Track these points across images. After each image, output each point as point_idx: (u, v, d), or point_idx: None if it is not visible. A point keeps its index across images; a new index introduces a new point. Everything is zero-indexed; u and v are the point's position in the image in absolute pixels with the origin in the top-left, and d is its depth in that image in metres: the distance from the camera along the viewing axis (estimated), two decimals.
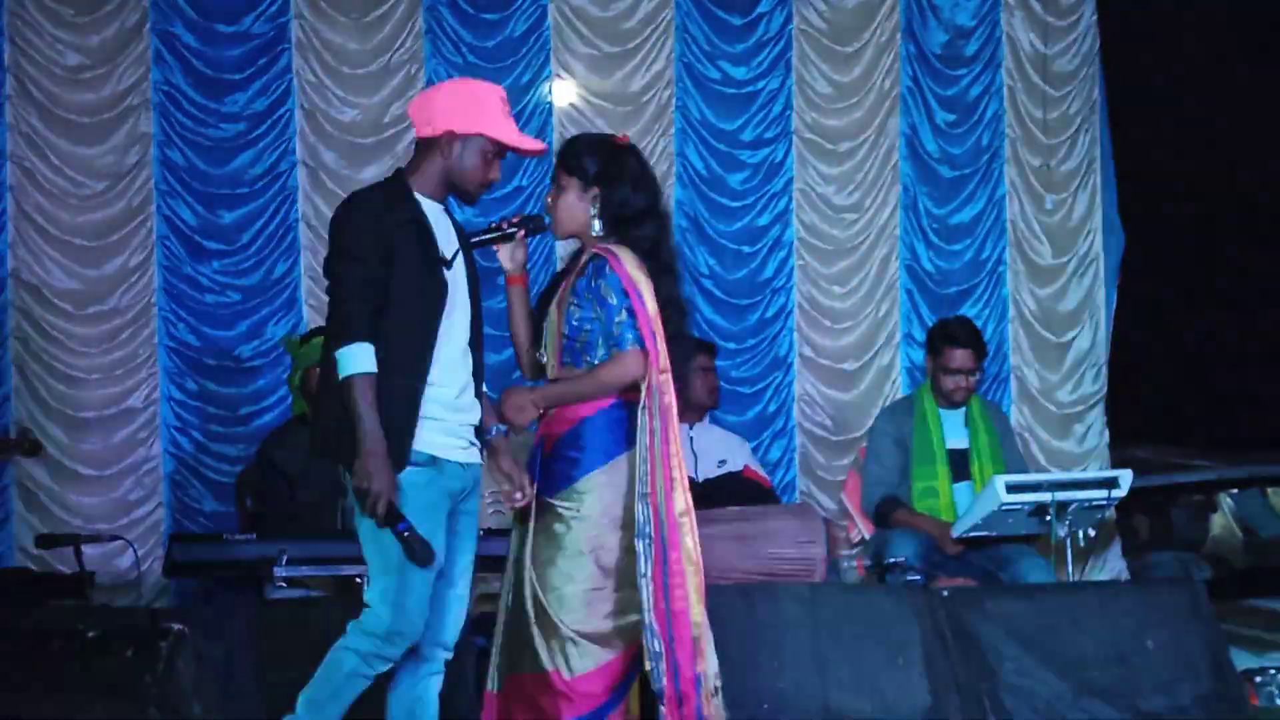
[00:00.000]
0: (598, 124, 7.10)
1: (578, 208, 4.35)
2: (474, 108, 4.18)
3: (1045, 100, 7.55)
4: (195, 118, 6.79)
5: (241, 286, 6.81)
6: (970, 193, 7.52)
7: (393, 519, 3.94)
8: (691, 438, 6.30)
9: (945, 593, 5.20)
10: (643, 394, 4.22)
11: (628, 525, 4.19)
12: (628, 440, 4.23)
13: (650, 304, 4.24)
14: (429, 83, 6.94)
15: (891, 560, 5.74)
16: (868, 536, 6.35)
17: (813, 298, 7.32)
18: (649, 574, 4.16)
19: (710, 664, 4.21)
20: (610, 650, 4.19)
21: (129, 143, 6.75)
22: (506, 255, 4.43)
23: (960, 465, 6.15)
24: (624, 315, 4.21)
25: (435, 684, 4.18)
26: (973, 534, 5.83)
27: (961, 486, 6.11)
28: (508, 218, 4.47)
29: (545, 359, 4.37)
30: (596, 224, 4.32)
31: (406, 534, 3.93)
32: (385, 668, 4.03)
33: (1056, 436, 7.52)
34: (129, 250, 6.75)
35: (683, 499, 4.23)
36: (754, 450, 6.80)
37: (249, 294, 6.81)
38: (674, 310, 4.33)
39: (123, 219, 6.75)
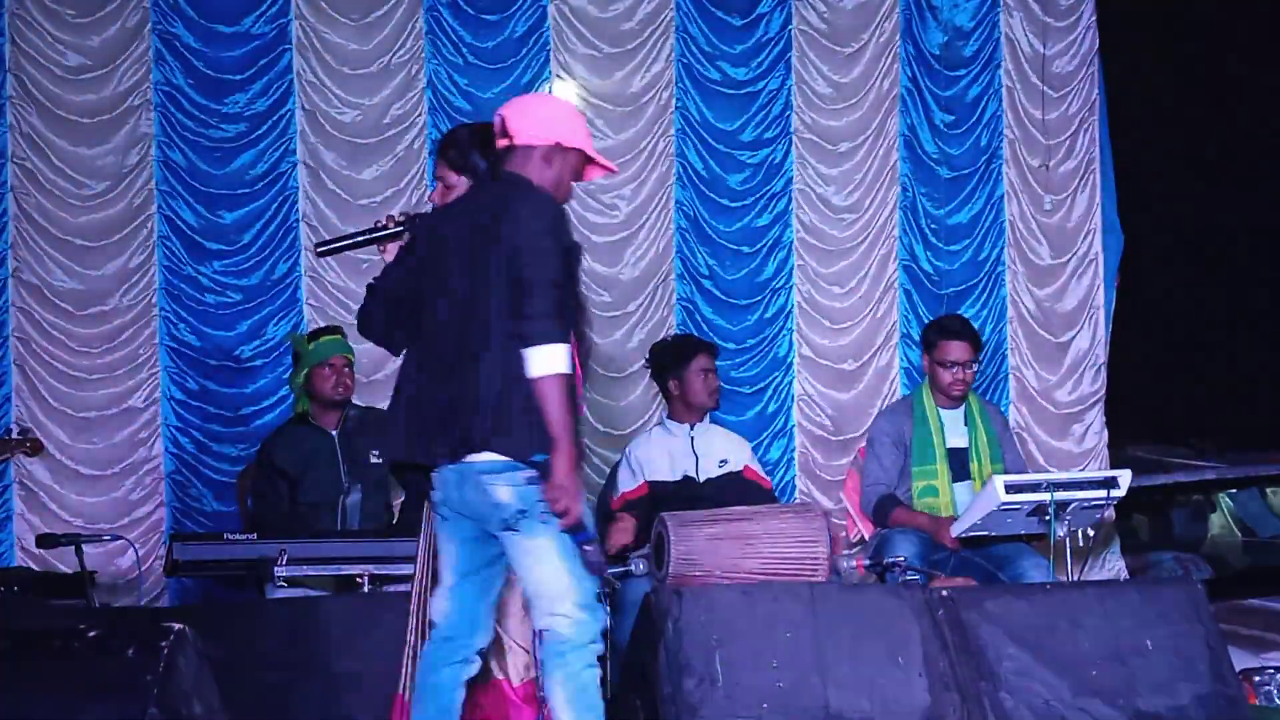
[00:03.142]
0: (598, 124, 7.11)
1: None
2: (576, 124, 4.22)
3: (1044, 101, 7.56)
4: (196, 118, 6.79)
5: (242, 287, 6.82)
6: (969, 193, 7.53)
7: (579, 527, 3.92)
8: (692, 438, 6.30)
9: (945, 593, 5.20)
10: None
11: None
12: None
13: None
14: (429, 83, 6.96)
15: (891, 560, 5.74)
16: (867, 536, 6.36)
17: (812, 298, 7.33)
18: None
19: None
20: None
21: (130, 143, 6.76)
22: (393, 254, 4.36)
23: (960, 464, 6.15)
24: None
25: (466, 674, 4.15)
26: (972, 533, 5.84)
27: (961, 486, 6.12)
28: (392, 216, 4.44)
29: None
30: None
31: (589, 545, 3.93)
32: None
33: (1055, 436, 7.53)
34: (130, 250, 6.76)
35: None
36: (754, 450, 6.80)
37: (250, 294, 6.82)
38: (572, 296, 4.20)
39: (124, 219, 6.76)
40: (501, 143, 4.16)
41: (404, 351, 4.22)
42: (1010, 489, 5.59)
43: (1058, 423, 7.55)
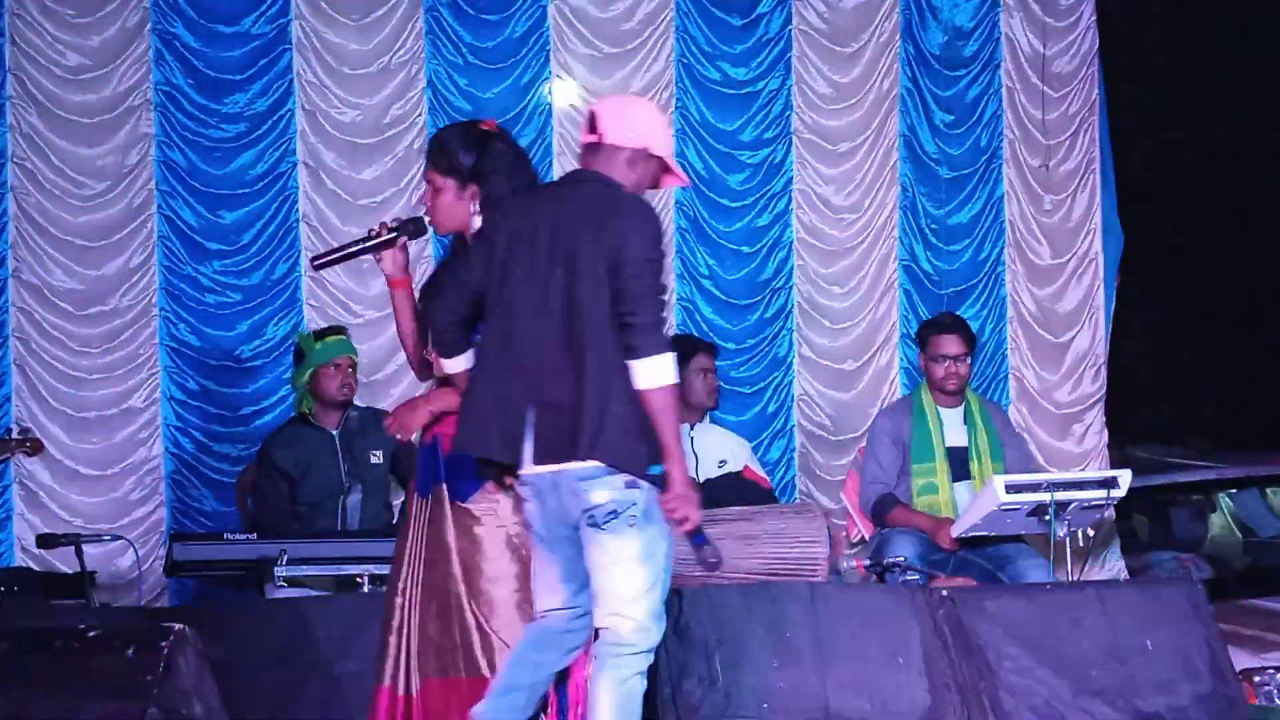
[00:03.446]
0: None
1: (458, 207, 4.26)
2: (665, 132, 4.23)
3: (1044, 101, 7.56)
4: (196, 118, 6.79)
5: (242, 287, 6.82)
6: (969, 193, 7.53)
7: (697, 530, 3.95)
8: (692, 438, 6.31)
9: (945, 593, 5.20)
10: None
11: None
12: None
13: None
14: (429, 83, 6.96)
15: (891, 560, 5.74)
16: (867, 536, 6.37)
17: (812, 298, 7.33)
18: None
19: None
20: None
21: (130, 143, 6.75)
22: (389, 261, 4.36)
23: (959, 464, 6.16)
24: None
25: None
26: (972, 533, 5.84)
27: (961, 485, 6.13)
28: (385, 223, 4.42)
29: (431, 355, 4.28)
30: (478, 220, 4.23)
31: (706, 546, 3.96)
32: None
33: (1055, 436, 7.53)
34: (130, 250, 6.76)
35: None
36: (754, 450, 6.80)
37: (250, 294, 6.81)
38: None
39: (124, 219, 6.76)
40: (589, 138, 4.14)
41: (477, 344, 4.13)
42: (1010, 489, 5.59)
43: (1058, 423, 7.55)
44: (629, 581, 3.90)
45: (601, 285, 3.89)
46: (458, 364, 4.16)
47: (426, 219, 4.38)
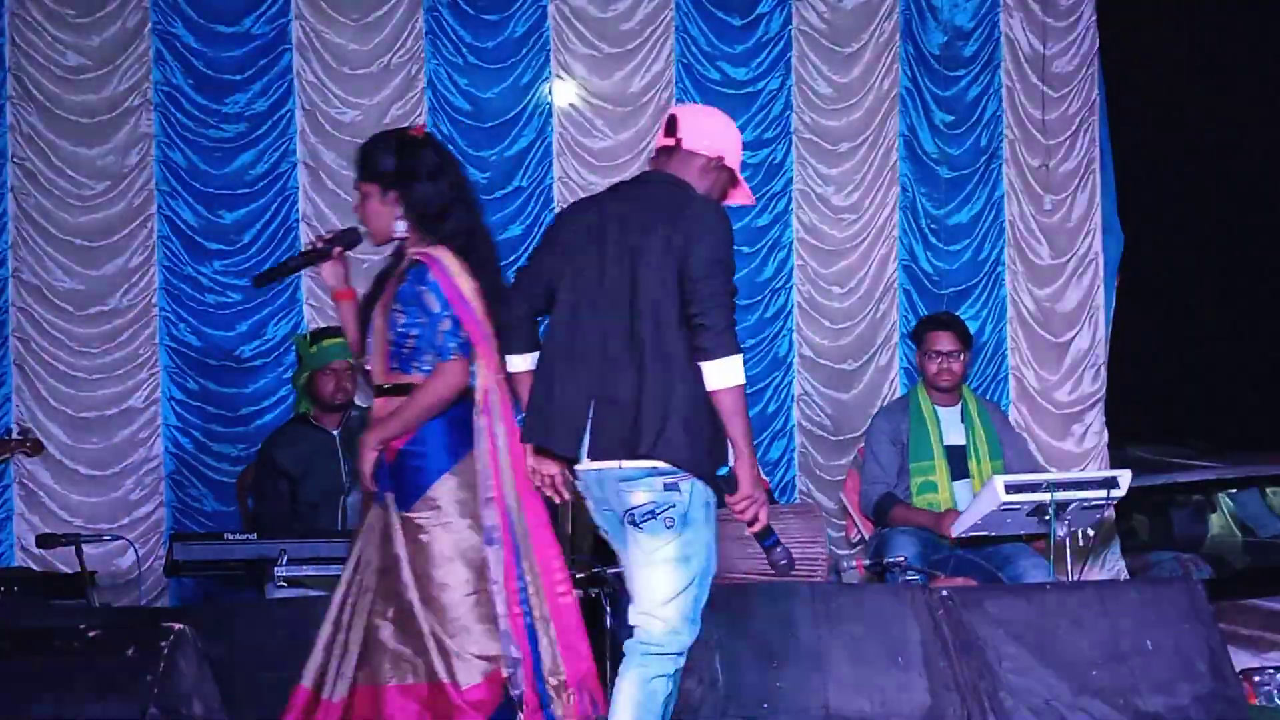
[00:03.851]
0: (597, 124, 7.12)
1: (383, 213, 4.30)
2: (739, 147, 4.26)
3: (1044, 101, 7.56)
4: (196, 118, 6.79)
5: (242, 287, 6.81)
6: (969, 193, 7.53)
7: (767, 532, 4.00)
8: None
9: (945, 593, 5.20)
10: (477, 399, 4.21)
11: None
12: (474, 438, 4.22)
13: (477, 305, 4.20)
14: (429, 83, 6.96)
15: (891, 560, 5.74)
16: (867, 536, 6.37)
17: (811, 298, 7.33)
18: (500, 580, 4.15)
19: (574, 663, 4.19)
20: (495, 662, 4.16)
21: (130, 143, 6.76)
22: (328, 273, 4.43)
23: (958, 462, 6.16)
24: (447, 324, 4.18)
25: None
26: (972, 533, 5.84)
27: (960, 484, 6.13)
28: (322, 235, 4.48)
29: (370, 365, 4.32)
30: (401, 225, 4.28)
31: (777, 548, 4.00)
32: None
33: (1055, 436, 7.53)
34: (130, 250, 6.76)
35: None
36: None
37: (250, 294, 6.81)
38: (496, 303, 4.25)
39: (123, 219, 6.76)
40: (667, 142, 4.17)
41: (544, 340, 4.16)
42: (1010, 489, 5.59)
43: (1058, 423, 7.55)
44: (663, 582, 3.94)
45: (670, 284, 3.92)
46: (523, 362, 4.17)
47: (361, 229, 4.42)
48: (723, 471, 3.96)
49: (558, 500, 4.21)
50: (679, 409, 3.89)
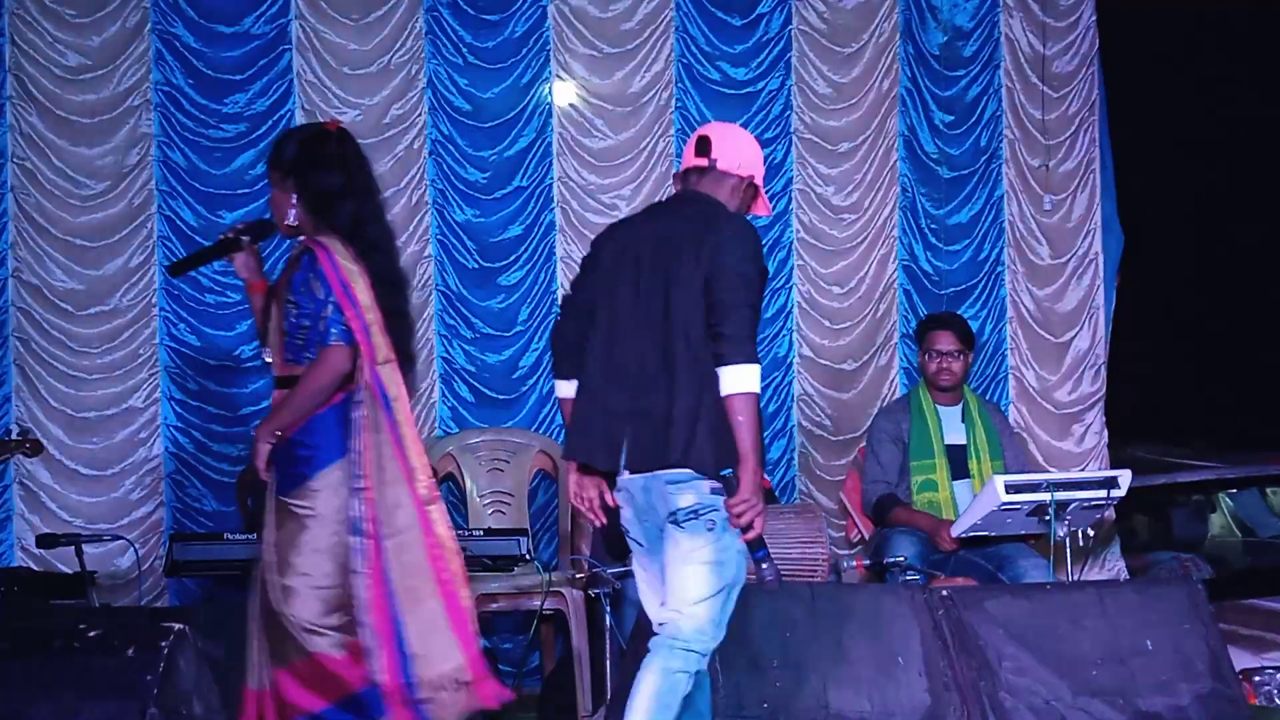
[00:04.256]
0: (597, 124, 7.11)
1: (282, 201, 4.36)
2: (762, 165, 4.47)
3: (1044, 101, 7.56)
4: (196, 118, 6.79)
5: (242, 287, 6.77)
6: (969, 193, 7.53)
7: (759, 542, 4.10)
8: None
9: (945, 593, 5.20)
10: (356, 391, 4.21)
11: None
12: (351, 430, 4.23)
13: (362, 294, 4.22)
14: (429, 83, 6.96)
15: (891, 560, 5.74)
16: (867, 536, 6.37)
17: (811, 298, 7.33)
18: (363, 570, 4.15)
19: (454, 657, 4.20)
20: (353, 637, 4.16)
21: (130, 143, 6.76)
22: (241, 264, 4.49)
23: (958, 462, 6.16)
24: (329, 310, 4.21)
25: None
26: (972, 533, 5.84)
27: (960, 484, 6.13)
28: (235, 227, 4.52)
29: (270, 357, 4.36)
30: (291, 214, 4.33)
31: (765, 562, 4.11)
32: None
33: (1055, 436, 7.53)
34: (130, 250, 6.76)
35: (426, 488, 4.22)
36: None
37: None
38: (387, 288, 4.29)
39: (123, 219, 6.76)
40: (700, 161, 4.34)
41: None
42: (1010, 489, 5.59)
43: (1058, 423, 7.55)
44: (697, 583, 4.08)
45: (699, 298, 4.11)
46: (571, 388, 4.32)
47: (271, 220, 4.46)
48: (726, 472, 4.06)
49: (596, 524, 4.34)
50: (707, 419, 4.06)
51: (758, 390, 4.10)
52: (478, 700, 4.20)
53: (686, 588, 4.07)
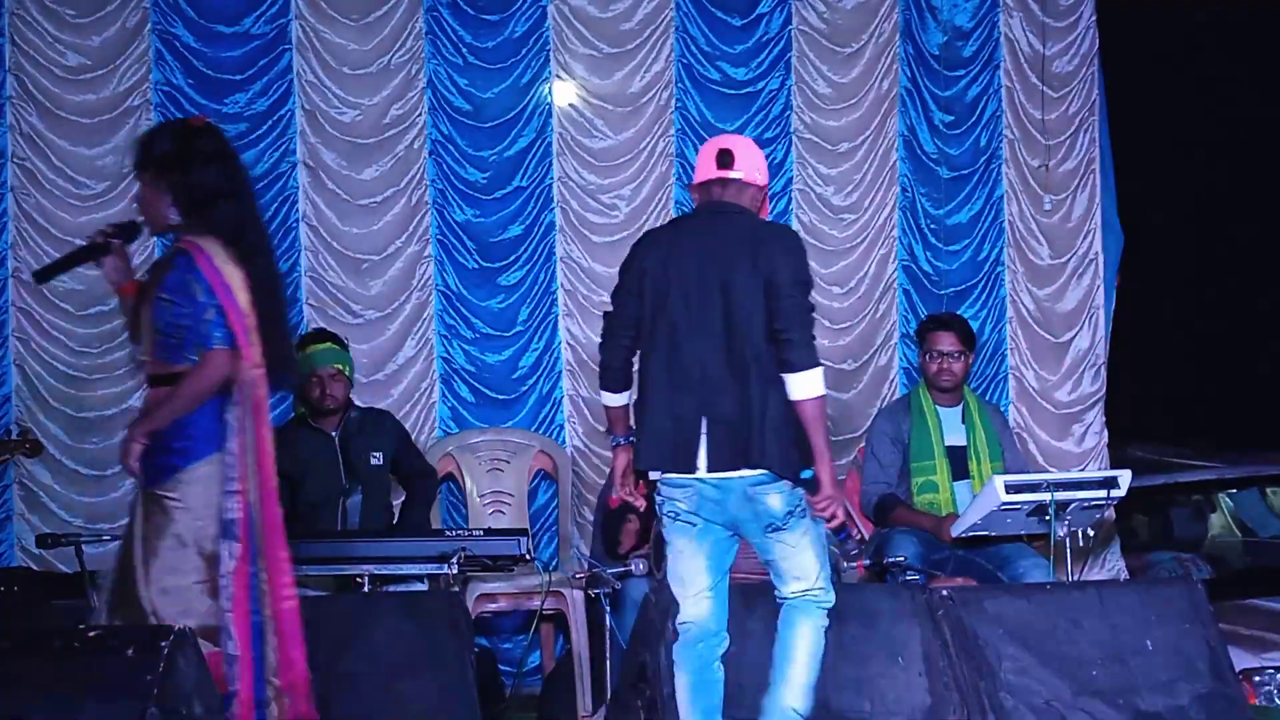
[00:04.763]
0: (597, 124, 7.11)
1: (154, 199, 4.33)
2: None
3: (1044, 101, 7.56)
4: None
5: None
6: (969, 193, 7.53)
7: (842, 526, 4.60)
8: None
9: (945, 593, 5.20)
10: (234, 393, 4.21)
11: None
12: (226, 431, 4.24)
13: (241, 297, 4.20)
14: (429, 83, 6.96)
15: (891, 560, 5.74)
16: (867, 536, 6.36)
17: (812, 298, 7.31)
18: (230, 574, 4.16)
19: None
20: (214, 643, 4.16)
21: (130, 143, 6.73)
22: (110, 267, 4.46)
23: (958, 462, 6.16)
24: (211, 314, 4.19)
25: None
26: (972, 533, 5.84)
27: (960, 485, 6.12)
28: (104, 230, 4.48)
29: (143, 356, 4.34)
30: (172, 213, 4.30)
31: (851, 538, 4.84)
32: None
33: (1055, 436, 7.53)
34: (129, 250, 6.73)
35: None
36: None
37: None
38: (265, 296, 4.28)
39: (123, 219, 6.73)
40: (724, 173, 4.56)
41: (641, 365, 4.53)
42: (1010, 489, 5.59)
43: (1058, 423, 7.55)
44: (813, 563, 4.49)
45: (757, 307, 4.36)
46: (623, 399, 4.59)
47: (140, 220, 4.43)
48: (806, 474, 4.40)
49: (640, 507, 4.65)
50: (779, 421, 4.36)
51: (824, 392, 4.42)
52: (289, 715, 4.21)
53: (807, 567, 4.47)
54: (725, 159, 4.57)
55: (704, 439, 4.37)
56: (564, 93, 7.13)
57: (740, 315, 4.37)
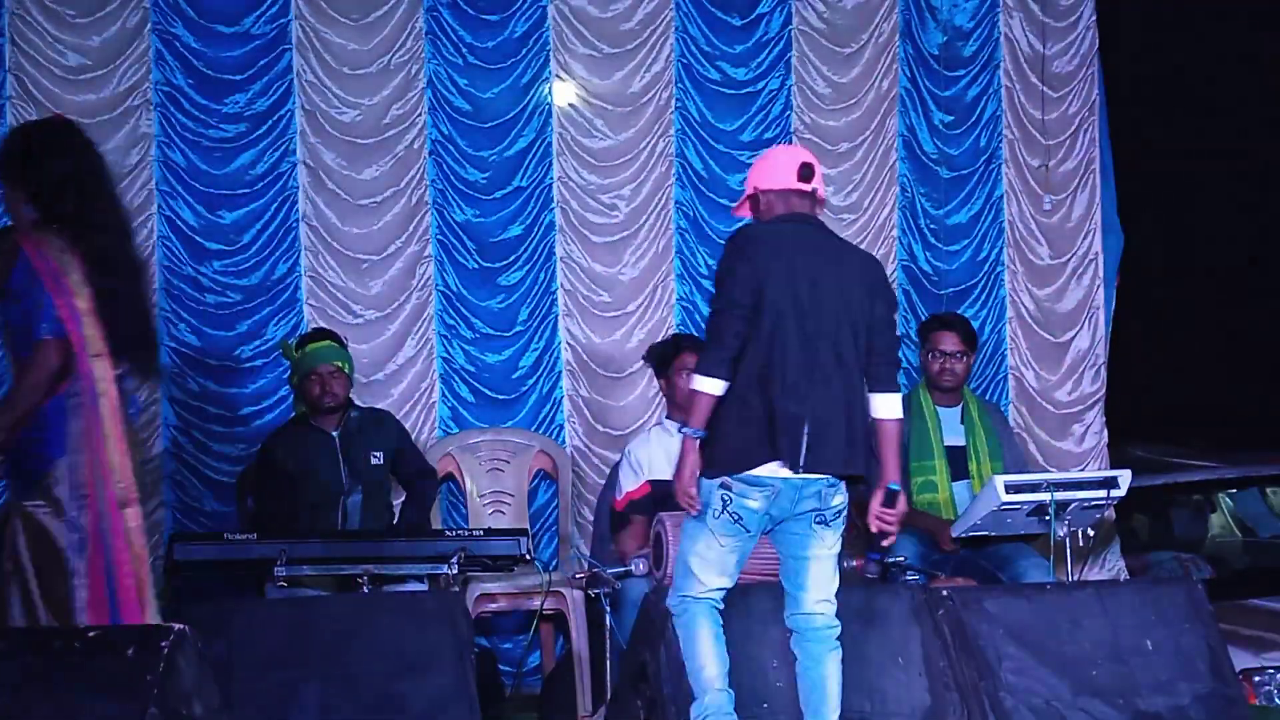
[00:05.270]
0: (597, 124, 7.11)
1: (13, 201, 4.32)
2: None
3: (1044, 101, 7.56)
4: (196, 118, 6.79)
5: (242, 287, 6.81)
6: (968, 193, 7.53)
7: (888, 548, 5.03)
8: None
9: (945, 593, 5.21)
10: (73, 386, 4.19)
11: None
12: (72, 425, 4.21)
13: (74, 283, 4.18)
14: (429, 83, 6.96)
15: (891, 560, 5.74)
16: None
17: None
18: (83, 571, 4.18)
19: None
20: None
21: (130, 143, 6.75)
22: None
23: (958, 463, 6.16)
24: (42, 305, 4.17)
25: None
26: (972, 533, 5.84)
27: (960, 485, 6.13)
28: None
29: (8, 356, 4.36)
30: (29, 210, 4.29)
31: (879, 563, 5.24)
32: None
33: (1055, 436, 7.53)
34: None
35: (123, 489, 4.21)
36: None
37: (250, 294, 6.81)
38: (105, 272, 4.24)
39: None
40: (804, 187, 4.75)
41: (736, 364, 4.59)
42: (1010, 489, 5.59)
43: (1058, 423, 7.55)
44: (835, 574, 4.67)
45: (860, 324, 4.63)
46: (720, 386, 4.55)
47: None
48: (894, 487, 4.64)
49: (693, 512, 4.64)
50: (860, 429, 4.62)
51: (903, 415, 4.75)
52: None
53: (829, 578, 4.64)
54: (808, 173, 4.75)
55: (804, 440, 4.50)
56: (564, 93, 7.13)
57: (850, 331, 4.60)
